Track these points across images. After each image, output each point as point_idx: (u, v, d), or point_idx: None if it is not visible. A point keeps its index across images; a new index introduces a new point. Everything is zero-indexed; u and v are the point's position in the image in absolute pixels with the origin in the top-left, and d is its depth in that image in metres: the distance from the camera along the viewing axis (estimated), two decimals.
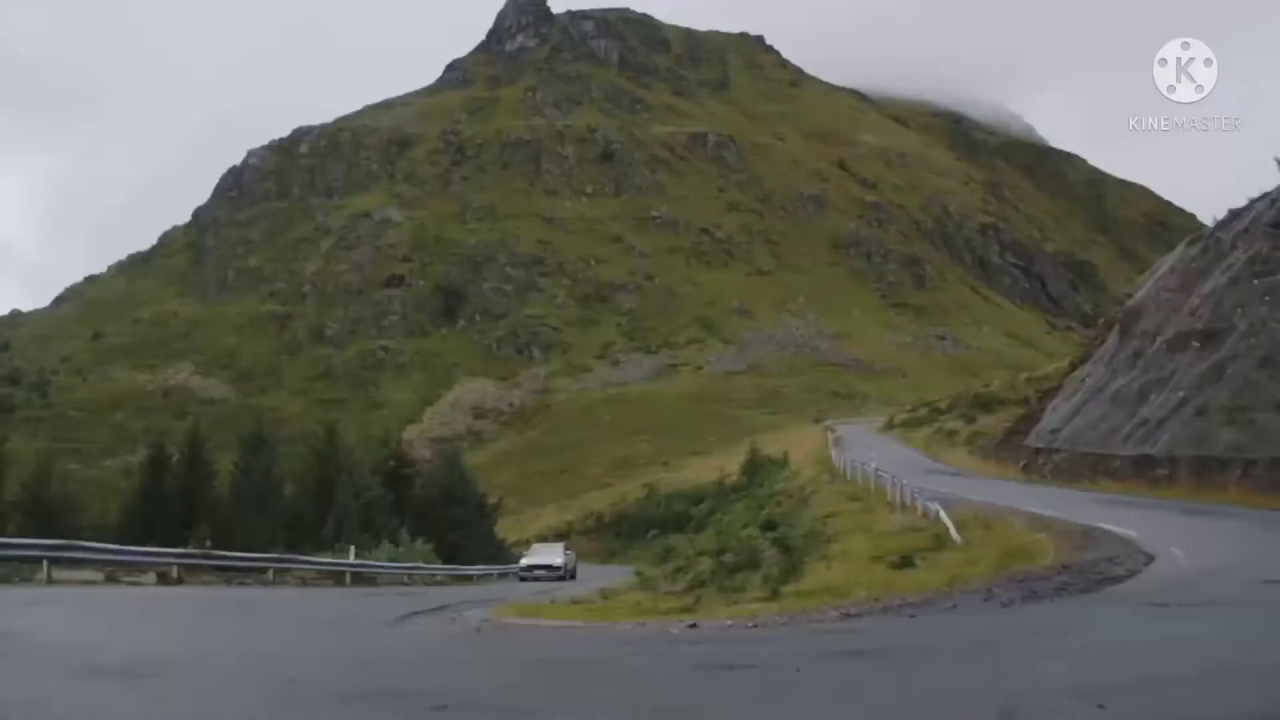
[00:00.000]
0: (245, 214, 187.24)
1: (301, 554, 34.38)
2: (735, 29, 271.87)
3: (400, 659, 12.13)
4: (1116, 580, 16.05)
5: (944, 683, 8.73)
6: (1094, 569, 17.27)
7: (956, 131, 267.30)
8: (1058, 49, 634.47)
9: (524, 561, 45.99)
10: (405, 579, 36.08)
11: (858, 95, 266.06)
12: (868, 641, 11.90)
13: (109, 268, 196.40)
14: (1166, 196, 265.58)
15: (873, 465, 39.72)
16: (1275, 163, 40.65)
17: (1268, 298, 34.36)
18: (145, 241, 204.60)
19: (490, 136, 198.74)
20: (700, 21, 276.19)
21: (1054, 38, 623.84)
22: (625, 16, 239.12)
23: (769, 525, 35.14)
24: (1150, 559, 17.77)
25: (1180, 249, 48.93)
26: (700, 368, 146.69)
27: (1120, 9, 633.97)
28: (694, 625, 16.61)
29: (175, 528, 36.56)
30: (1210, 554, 17.80)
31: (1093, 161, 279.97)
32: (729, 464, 78.81)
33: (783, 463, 62.23)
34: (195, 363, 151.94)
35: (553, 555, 46.45)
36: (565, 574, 44.28)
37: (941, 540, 23.59)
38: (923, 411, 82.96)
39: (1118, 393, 41.75)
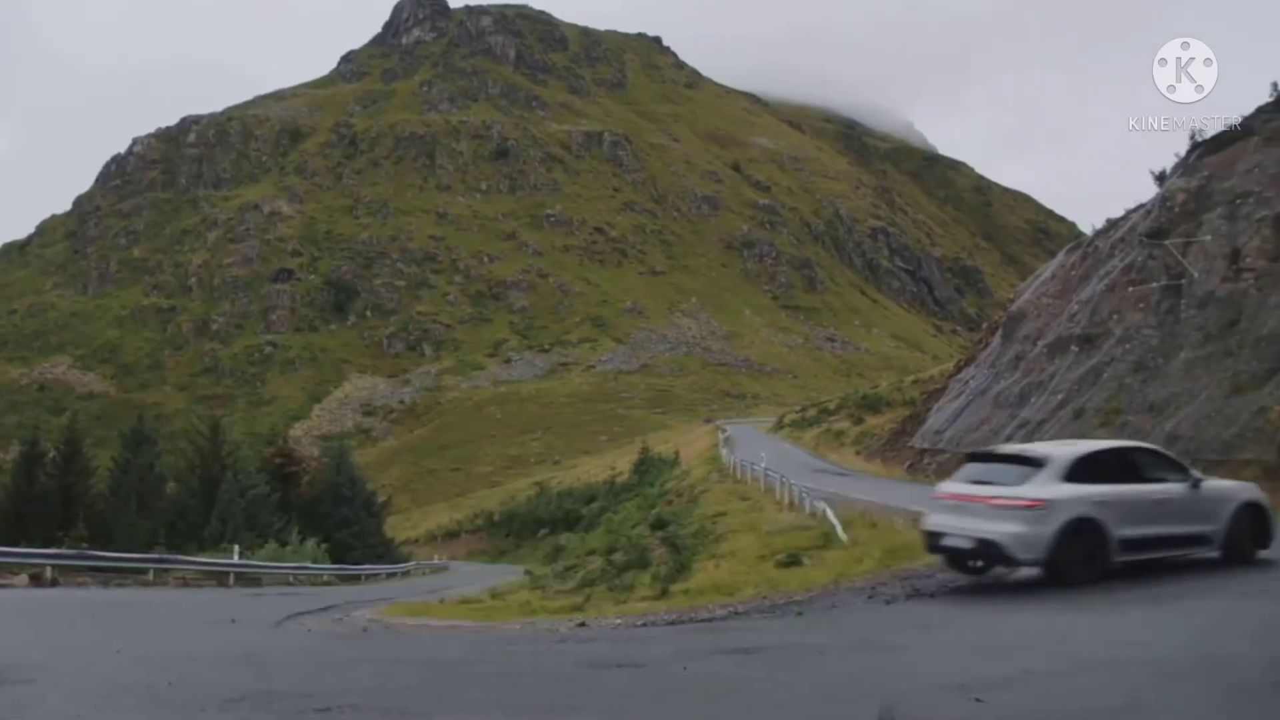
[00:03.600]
0: (129, 203, 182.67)
1: (184, 554, 33.62)
2: (633, 29, 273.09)
3: (284, 660, 11.92)
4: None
5: (828, 679, 8.84)
6: None
7: (849, 137, 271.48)
8: (948, 59, 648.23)
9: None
10: (291, 579, 35.47)
11: (752, 98, 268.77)
12: (755, 639, 12.00)
13: None
14: (1049, 205, 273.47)
15: (762, 465, 40.03)
16: (1150, 175, 42.03)
17: (1142, 305, 35.43)
18: (22, 230, 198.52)
19: (384, 130, 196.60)
20: (598, 21, 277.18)
21: (944, 47, 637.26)
22: (523, 13, 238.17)
23: (659, 524, 35.21)
24: None
25: (1061, 256, 50.19)
26: (592, 367, 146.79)
27: (1010, 22, 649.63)
28: (583, 624, 16.60)
29: (50, 527, 35.58)
30: None
31: (979, 170, 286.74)
32: (620, 463, 78.95)
33: (673, 462, 62.42)
34: (74, 356, 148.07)
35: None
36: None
37: (828, 539, 23.86)
38: (812, 412, 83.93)
39: (1000, 395, 42.71)
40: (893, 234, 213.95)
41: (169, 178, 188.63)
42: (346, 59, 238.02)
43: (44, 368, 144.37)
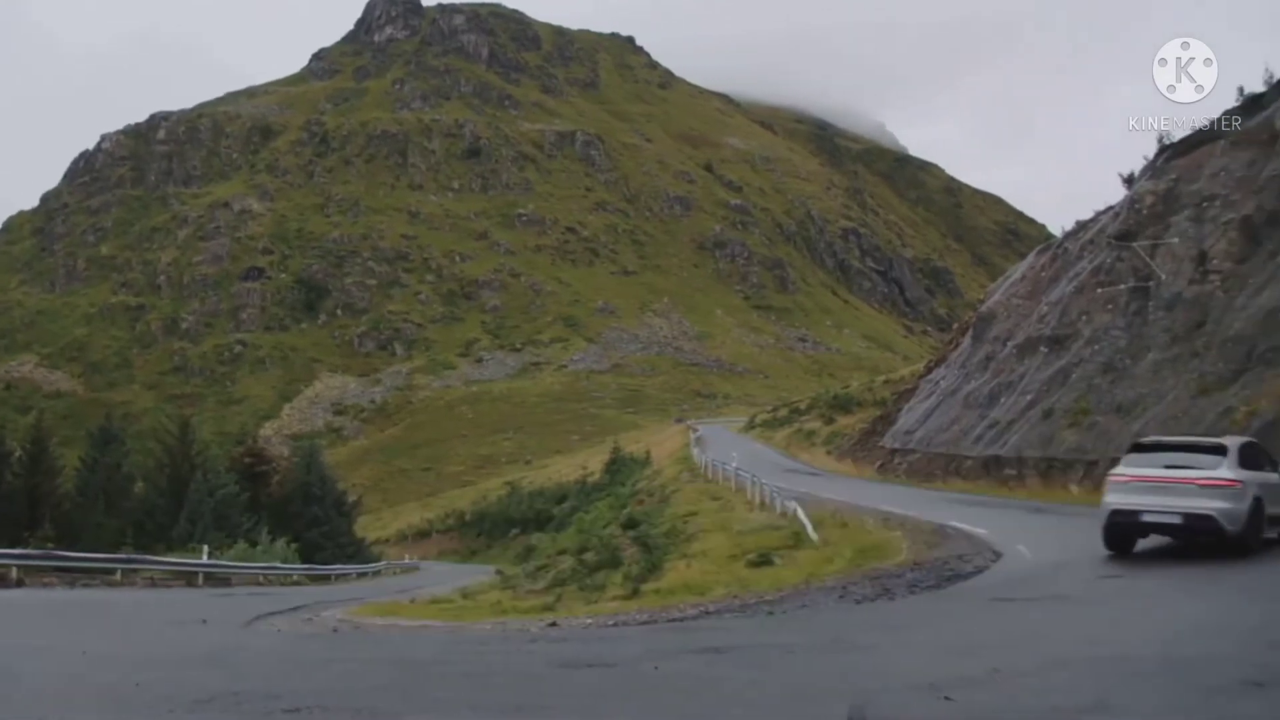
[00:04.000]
0: (97, 200, 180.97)
1: (152, 554, 33.33)
2: (606, 29, 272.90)
3: (253, 661, 11.85)
4: (966, 577, 16.49)
5: (799, 678, 8.86)
6: (945, 566, 17.72)
7: (821, 138, 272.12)
8: (920, 63, 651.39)
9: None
10: (261, 579, 35.25)
11: (725, 99, 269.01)
12: (725, 639, 12.01)
13: None
14: (1019, 206, 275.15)
15: (733, 464, 40.14)
16: (1119, 178, 42.37)
17: (1110, 306, 35.70)
18: None
19: (356, 128, 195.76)
20: (571, 20, 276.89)
21: (917, 52, 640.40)
22: (496, 12, 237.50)
23: (630, 524, 35.25)
24: (998, 556, 18.29)
25: (1031, 257, 50.55)
26: (564, 366, 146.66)
27: (982, 27, 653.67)
28: (554, 624, 16.61)
29: (16, 527, 35.25)
30: (1054, 551, 18.41)
31: (950, 171, 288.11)
32: (591, 462, 78.95)
33: (644, 461, 62.50)
34: (40, 354, 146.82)
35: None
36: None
37: (799, 538, 23.95)
38: (783, 412, 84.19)
39: (970, 395, 42.95)
40: (864, 235, 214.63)
41: (138, 174, 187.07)
42: (318, 56, 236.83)
43: (10, 366, 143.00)
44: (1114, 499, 16.74)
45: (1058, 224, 50.64)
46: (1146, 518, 16.28)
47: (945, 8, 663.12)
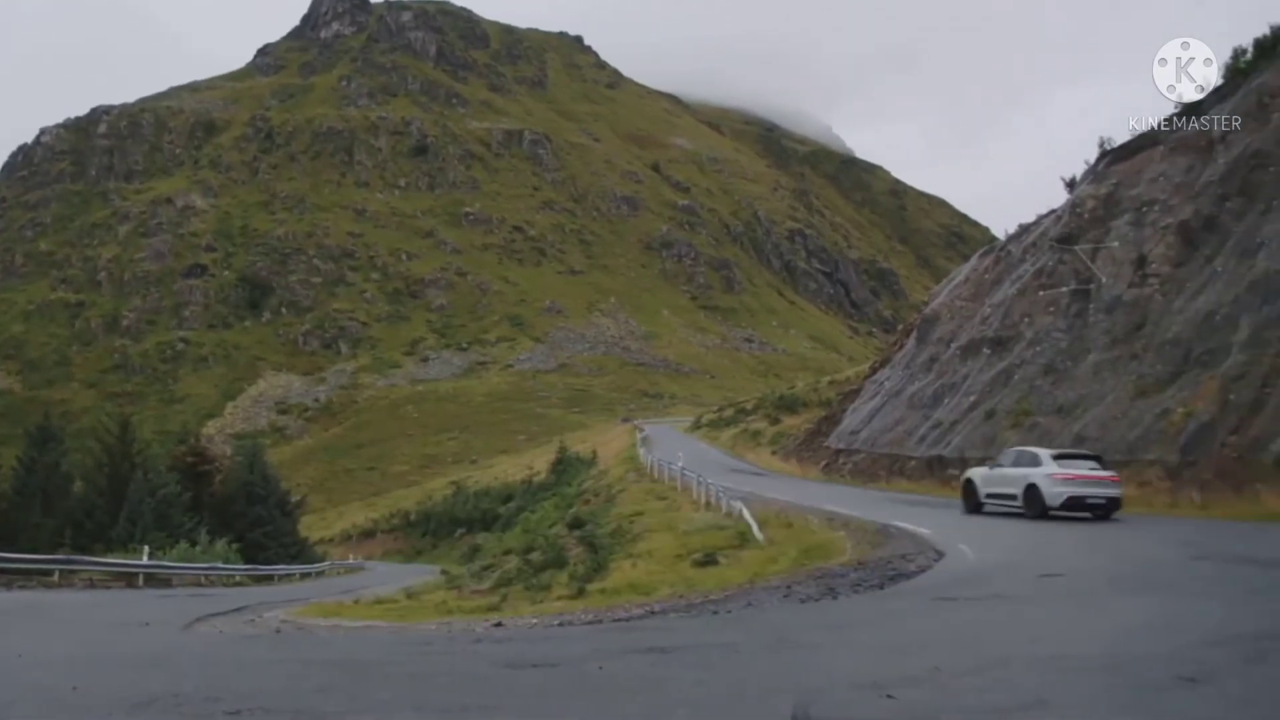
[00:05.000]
0: (36, 195, 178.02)
1: (91, 554, 32.81)
2: (555, 28, 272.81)
3: (193, 663, 11.70)
4: (909, 576, 16.61)
5: (743, 677, 8.89)
6: (888, 565, 17.84)
7: (768, 139, 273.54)
8: (869, 65, 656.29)
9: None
10: (203, 579, 34.84)
11: (673, 100, 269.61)
12: (670, 638, 12.03)
13: None
14: (963, 209, 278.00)
15: (679, 464, 40.19)
16: (1061, 182, 42.93)
17: (1051, 308, 36.16)
18: None
19: (301, 125, 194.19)
20: (520, 18, 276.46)
21: (865, 58, 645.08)
22: (444, 9, 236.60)
23: (576, 524, 35.23)
24: (940, 555, 18.43)
25: (974, 259, 51.08)
26: (510, 366, 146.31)
27: (929, 34, 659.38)
28: (499, 624, 16.55)
29: None
30: (995, 550, 18.60)
31: (896, 174, 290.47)
32: (537, 462, 78.79)
33: (591, 461, 62.46)
34: None
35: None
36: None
37: (744, 538, 24.03)
38: (729, 412, 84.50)
39: (914, 396, 43.33)
40: (810, 236, 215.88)
41: (78, 169, 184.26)
42: (264, 52, 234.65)
43: None
44: (1063, 489, 24.49)
45: (1001, 227, 51.14)
46: (1090, 500, 24.37)
47: (894, 13, 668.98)
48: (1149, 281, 32.13)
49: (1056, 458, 24.90)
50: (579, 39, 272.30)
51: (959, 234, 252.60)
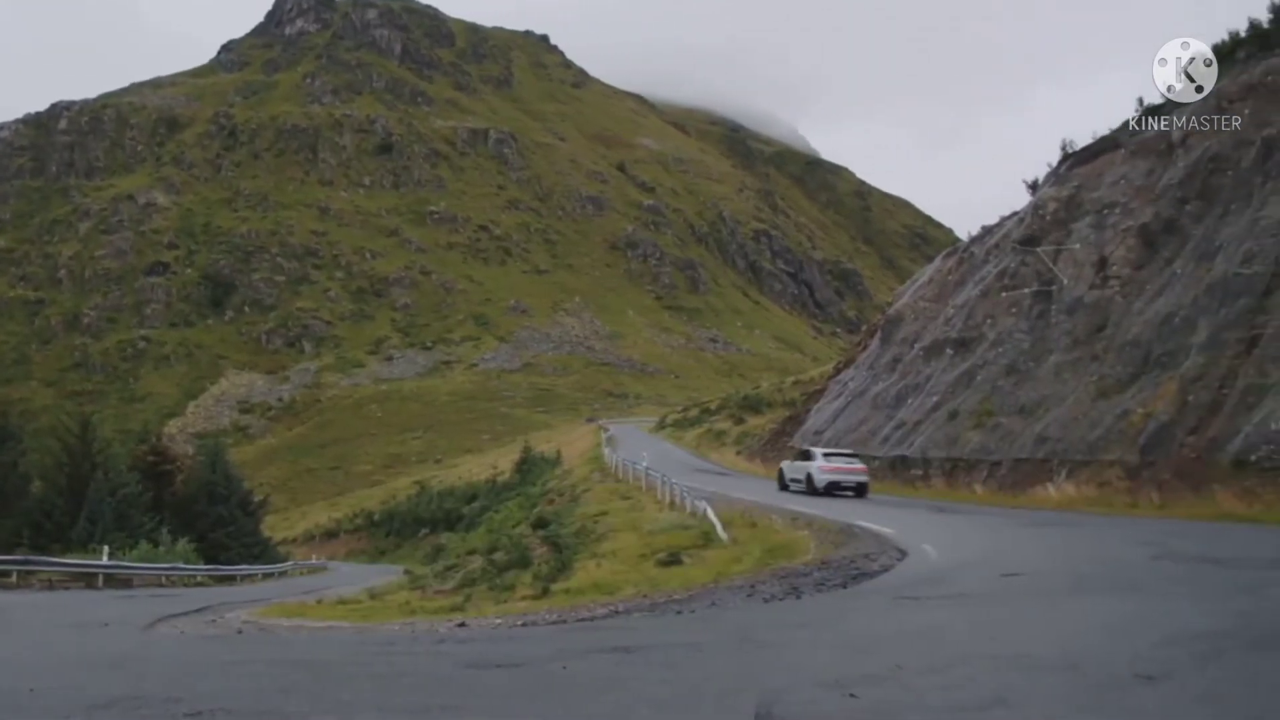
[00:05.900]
0: None
1: (49, 555, 32.44)
2: (520, 27, 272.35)
3: (154, 664, 11.60)
4: (872, 575, 16.68)
5: (707, 676, 8.90)
6: (851, 565, 17.91)
7: (733, 140, 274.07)
8: (834, 67, 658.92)
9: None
10: (164, 580, 34.51)
11: (639, 100, 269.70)
12: (634, 638, 12.03)
13: None
14: (927, 211, 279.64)
15: (644, 464, 40.19)
16: (1024, 184, 43.26)
17: (1014, 309, 36.46)
18: None
19: (265, 122, 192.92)
20: (485, 17, 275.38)
21: (830, 60, 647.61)
22: (410, 7, 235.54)
23: (540, 523, 35.13)
24: (903, 555, 18.52)
25: (938, 261, 51.43)
26: (475, 365, 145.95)
27: (895, 37, 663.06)
28: (463, 624, 16.51)
29: None
30: (958, 550, 18.70)
31: (860, 175, 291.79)
32: (502, 462, 78.64)
33: (555, 461, 62.36)
34: None
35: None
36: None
37: (709, 538, 24.06)
38: (694, 412, 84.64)
39: (878, 396, 43.58)
40: (775, 236, 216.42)
41: (38, 165, 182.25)
42: (227, 48, 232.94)
43: None
44: (825, 477, 33.75)
45: (964, 228, 51.60)
46: (842, 485, 33.51)
47: (860, 16, 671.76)
48: (1110, 283, 32.44)
49: (826, 455, 35.11)
50: (545, 38, 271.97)
51: (923, 235, 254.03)
